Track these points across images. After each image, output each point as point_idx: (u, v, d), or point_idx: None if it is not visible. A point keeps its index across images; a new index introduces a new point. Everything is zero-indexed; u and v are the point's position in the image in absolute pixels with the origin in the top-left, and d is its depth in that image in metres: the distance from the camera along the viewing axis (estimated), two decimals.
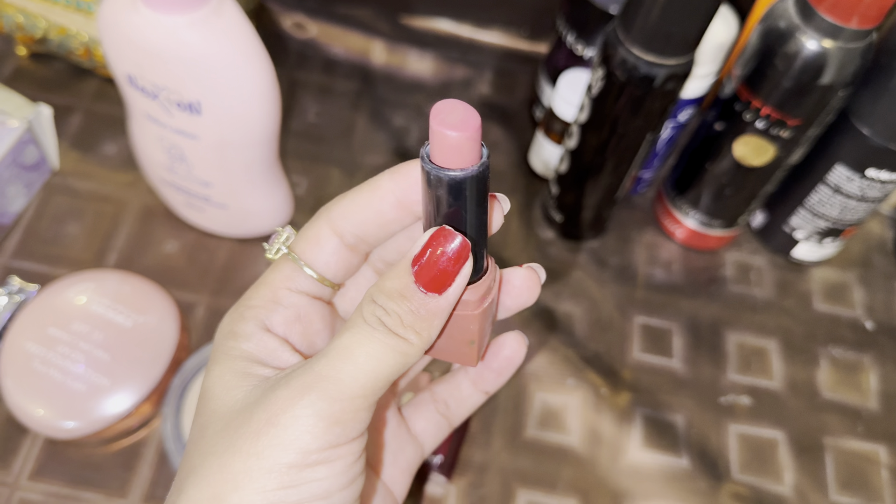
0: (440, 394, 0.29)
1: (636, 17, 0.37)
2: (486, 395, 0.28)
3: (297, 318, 0.24)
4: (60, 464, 0.40)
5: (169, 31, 0.35)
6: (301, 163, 0.52)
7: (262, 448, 0.21)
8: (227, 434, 0.22)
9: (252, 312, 0.24)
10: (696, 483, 0.43)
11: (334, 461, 0.21)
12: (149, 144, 0.43)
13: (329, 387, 0.21)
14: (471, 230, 0.22)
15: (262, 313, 0.24)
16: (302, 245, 0.24)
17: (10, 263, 0.46)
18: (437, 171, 0.20)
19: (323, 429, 0.21)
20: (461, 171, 0.20)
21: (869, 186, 0.45)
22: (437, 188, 0.21)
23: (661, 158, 0.51)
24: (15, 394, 0.39)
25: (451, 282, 0.22)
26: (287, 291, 0.24)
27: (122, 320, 0.41)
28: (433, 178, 0.21)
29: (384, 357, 0.21)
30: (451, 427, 0.29)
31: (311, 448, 0.21)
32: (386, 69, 0.58)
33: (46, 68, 0.55)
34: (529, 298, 0.26)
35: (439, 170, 0.20)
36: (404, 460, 0.28)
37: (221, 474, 0.21)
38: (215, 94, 0.37)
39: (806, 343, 0.49)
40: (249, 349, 0.23)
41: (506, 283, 0.26)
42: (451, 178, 0.20)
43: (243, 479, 0.21)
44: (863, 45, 0.38)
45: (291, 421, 0.21)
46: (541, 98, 0.54)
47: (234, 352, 0.24)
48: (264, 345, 0.24)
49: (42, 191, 0.49)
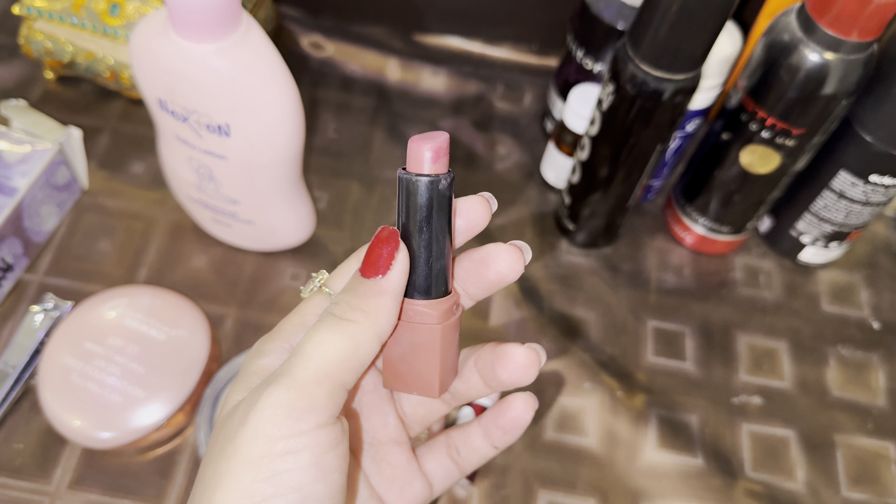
0: (454, 439, 0.30)
1: (645, 35, 0.38)
2: (496, 449, 0.29)
3: None
4: (98, 473, 0.42)
5: (199, 58, 0.37)
6: (322, 178, 0.54)
7: (237, 445, 0.22)
8: (217, 441, 0.24)
9: (280, 335, 0.26)
10: (711, 481, 0.44)
11: (301, 451, 0.22)
12: (178, 164, 0.44)
13: (284, 379, 0.23)
14: (428, 239, 0.24)
15: (289, 335, 0.26)
16: (334, 280, 0.27)
17: (44, 281, 0.48)
18: (402, 174, 0.24)
19: (282, 416, 0.22)
20: (418, 176, 0.23)
21: (872, 191, 0.46)
22: (400, 191, 0.24)
23: (670, 167, 0.52)
24: (54, 406, 0.41)
25: (389, 263, 0.24)
26: (315, 316, 0.26)
27: (155, 334, 0.43)
28: (399, 181, 0.24)
29: (331, 339, 0.23)
30: (462, 474, 0.30)
31: (275, 436, 0.22)
32: (401, 85, 0.60)
33: (74, 91, 0.57)
34: (528, 377, 0.27)
35: (404, 172, 0.24)
36: (411, 494, 0.29)
37: (213, 478, 0.23)
38: (244, 117, 0.39)
39: (815, 343, 0.50)
40: (267, 363, 0.25)
41: (505, 357, 0.27)
42: (408, 180, 0.24)
43: (225, 478, 0.22)
44: (864, 56, 0.39)
45: (256, 415, 0.22)
46: (552, 111, 0.56)
47: (251, 367, 0.25)
48: (279, 360, 0.25)
49: (73, 210, 0.51)
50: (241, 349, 0.46)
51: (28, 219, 0.47)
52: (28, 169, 0.46)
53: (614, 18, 0.46)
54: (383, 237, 0.24)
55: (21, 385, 0.43)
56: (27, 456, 0.42)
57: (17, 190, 0.46)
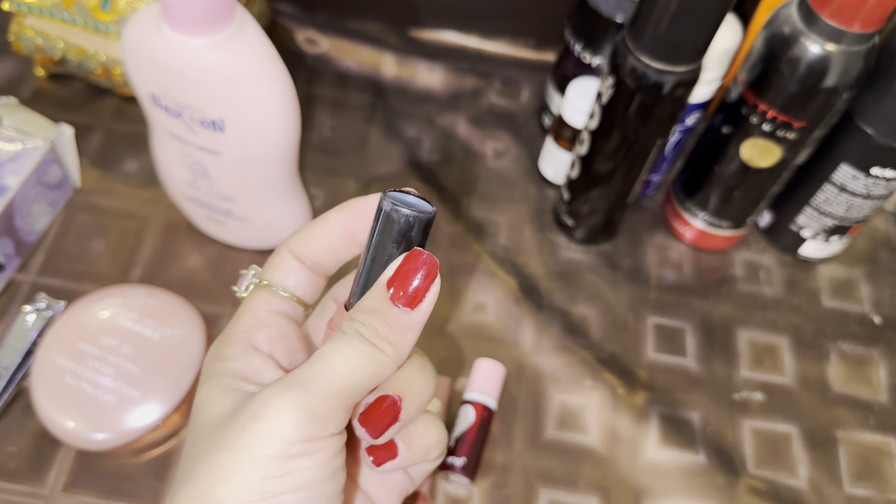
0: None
1: (645, 27, 0.38)
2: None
3: (279, 335, 0.26)
4: (93, 475, 0.41)
5: (193, 52, 0.36)
6: (318, 175, 0.54)
7: (247, 441, 0.22)
8: (215, 436, 0.23)
9: (236, 337, 0.26)
10: (713, 478, 0.44)
11: (315, 453, 0.23)
12: (172, 161, 0.44)
13: (310, 384, 0.23)
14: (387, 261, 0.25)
15: (246, 335, 0.26)
16: (270, 273, 0.27)
17: (36, 280, 0.47)
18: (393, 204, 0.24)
19: (304, 420, 0.22)
20: (415, 212, 0.24)
21: (874, 184, 0.46)
22: (383, 220, 0.24)
23: (669, 162, 0.52)
24: (47, 407, 0.40)
25: (423, 297, 0.24)
26: (266, 313, 0.27)
27: (149, 333, 0.42)
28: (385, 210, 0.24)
29: (361, 362, 0.23)
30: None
31: (293, 439, 0.22)
32: (397, 81, 0.59)
33: (65, 88, 0.56)
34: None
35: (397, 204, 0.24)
36: (392, 481, 0.29)
37: (211, 470, 0.22)
38: (238, 112, 0.38)
39: (816, 339, 0.50)
40: (235, 367, 0.25)
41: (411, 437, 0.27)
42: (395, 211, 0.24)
43: (230, 472, 0.22)
44: (866, 47, 0.39)
45: (274, 413, 0.22)
46: (549, 106, 0.55)
47: (221, 371, 0.25)
48: (249, 363, 0.25)
49: (65, 209, 0.50)
50: None
51: (19, 218, 0.46)
52: (19, 167, 0.46)
53: (613, 11, 0.46)
54: (421, 262, 0.24)
55: (14, 387, 0.43)
56: (21, 459, 0.41)
57: (7, 189, 0.45)
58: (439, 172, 0.55)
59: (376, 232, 0.24)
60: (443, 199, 0.53)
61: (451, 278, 0.50)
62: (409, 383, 0.25)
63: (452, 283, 0.50)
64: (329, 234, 0.27)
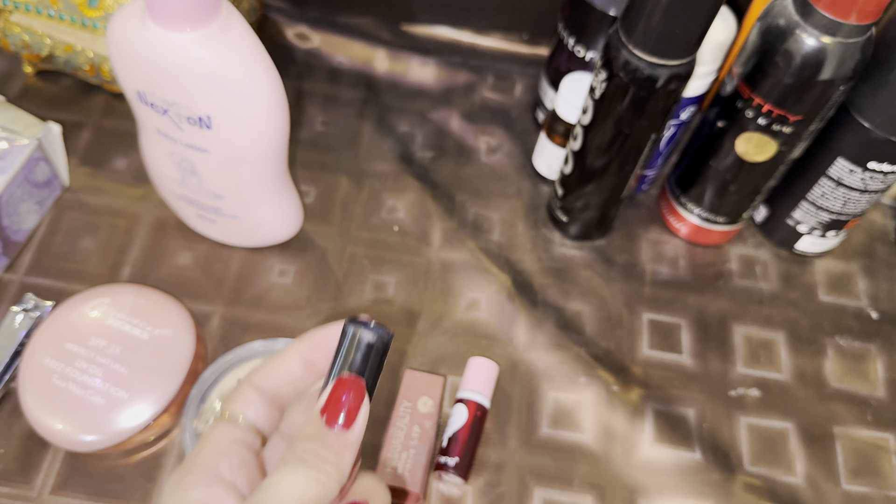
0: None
1: (639, 20, 0.37)
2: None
3: (241, 464, 0.27)
4: (82, 477, 0.41)
5: (178, 47, 0.36)
6: (310, 172, 0.53)
7: None
8: None
9: (199, 466, 0.27)
10: (709, 476, 0.44)
11: None
12: (160, 159, 0.43)
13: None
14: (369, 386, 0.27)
15: (209, 464, 0.27)
16: (232, 405, 0.29)
17: (24, 280, 0.47)
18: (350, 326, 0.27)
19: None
20: (375, 334, 0.27)
21: (871, 178, 0.45)
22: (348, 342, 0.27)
23: (663, 156, 0.51)
24: (35, 409, 0.40)
25: (355, 417, 0.26)
26: (229, 443, 0.28)
27: (138, 333, 0.42)
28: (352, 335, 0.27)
29: (307, 486, 0.25)
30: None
31: None
32: (389, 77, 0.59)
33: (54, 86, 0.55)
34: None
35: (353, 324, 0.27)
36: None
37: None
38: (225, 108, 0.38)
39: (812, 334, 0.50)
40: (198, 496, 0.26)
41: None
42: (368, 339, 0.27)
43: None
44: (862, 39, 0.38)
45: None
46: (543, 101, 0.55)
47: (183, 499, 0.26)
48: (212, 491, 0.26)
49: (54, 207, 0.50)
50: (228, 348, 0.45)
51: (7, 217, 0.46)
52: (5, 166, 0.45)
53: (606, 5, 0.45)
54: (347, 383, 0.26)
55: (1, 388, 0.42)
56: (9, 461, 0.41)
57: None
58: (432, 168, 0.54)
59: (340, 356, 0.27)
60: (436, 194, 0.53)
61: (445, 275, 0.49)
62: (371, 491, 0.27)
63: (445, 281, 0.49)
64: (290, 365, 0.29)
